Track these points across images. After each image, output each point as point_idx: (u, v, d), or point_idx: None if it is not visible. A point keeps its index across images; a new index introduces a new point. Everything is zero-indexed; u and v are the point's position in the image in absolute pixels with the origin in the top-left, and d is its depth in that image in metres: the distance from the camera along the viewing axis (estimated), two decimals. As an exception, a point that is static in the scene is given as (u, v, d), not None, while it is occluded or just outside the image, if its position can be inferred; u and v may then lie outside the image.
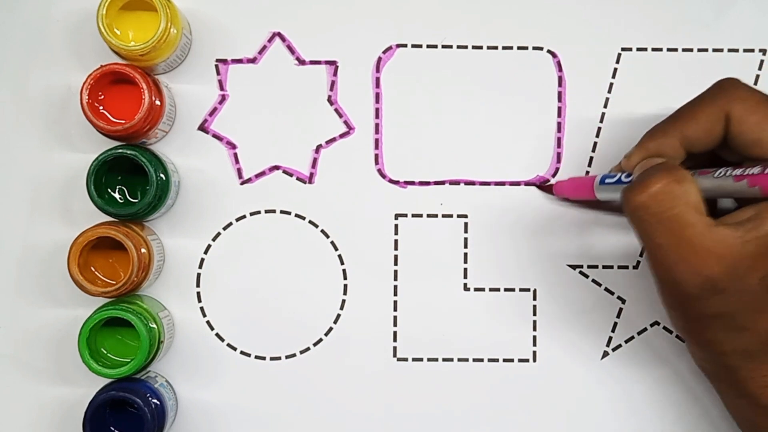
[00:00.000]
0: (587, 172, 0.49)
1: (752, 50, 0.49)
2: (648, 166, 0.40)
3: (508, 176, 0.49)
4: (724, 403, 0.44)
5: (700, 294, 0.38)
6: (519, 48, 0.49)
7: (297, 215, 0.49)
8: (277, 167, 0.49)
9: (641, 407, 0.49)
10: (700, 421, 0.49)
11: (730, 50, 0.49)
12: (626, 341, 0.49)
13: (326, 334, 0.49)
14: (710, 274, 0.38)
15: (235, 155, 0.49)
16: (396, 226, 0.49)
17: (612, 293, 0.49)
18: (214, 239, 0.49)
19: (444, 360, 0.49)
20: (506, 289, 0.49)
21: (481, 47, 0.49)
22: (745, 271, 0.38)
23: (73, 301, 0.48)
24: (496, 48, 0.49)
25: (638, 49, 0.49)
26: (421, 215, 0.49)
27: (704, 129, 0.41)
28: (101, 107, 0.45)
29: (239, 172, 0.49)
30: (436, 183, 0.49)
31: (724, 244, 0.37)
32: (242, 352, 0.49)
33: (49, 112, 0.48)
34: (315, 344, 0.49)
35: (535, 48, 0.49)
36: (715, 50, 0.49)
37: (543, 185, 0.49)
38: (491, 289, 0.49)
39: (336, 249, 0.49)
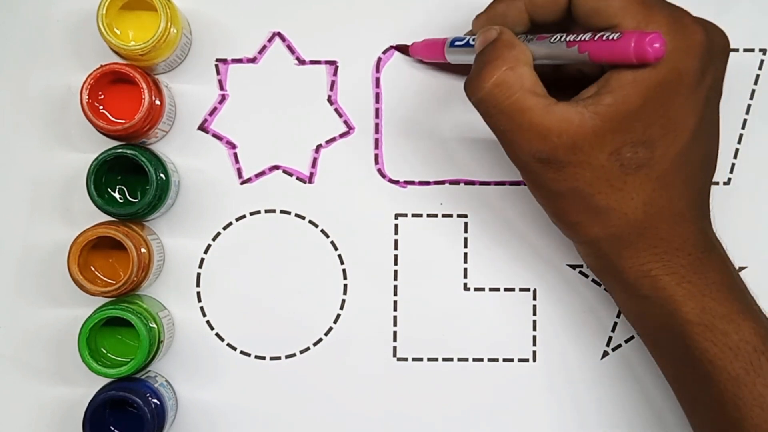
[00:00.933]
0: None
1: (752, 50, 0.49)
2: (484, 38, 0.40)
3: (508, 176, 0.49)
4: (616, 304, 0.44)
5: (544, 168, 0.39)
6: (519, 48, 0.49)
7: (297, 215, 0.49)
8: (277, 167, 0.49)
9: (641, 407, 0.49)
10: (700, 421, 0.49)
11: (730, 50, 0.49)
12: (626, 341, 0.49)
13: (326, 334, 0.49)
14: (550, 148, 0.38)
15: (235, 155, 0.49)
16: (396, 226, 0.49)
17: (612, 293, 0.49)
18: (214, 239, 0.49)
19: (444, 360, 0.49)
20: (506, 289, 0.49)
21: (481, 47, 0.49)
22: (589, 146, 0.38)
23: (73, 301, 0.48)
24: (496, 48, 0.49)
25: (638, 49, 0.49)
26: (421, 215, 0.49)
27: None
28: (101, 107, 0.45)
29: (239, 171, 0.49)
30: (436, 183, 0.49)
31: (562, 120, 0.37)
32: (242, 352, 0.49)
33: (49, 112, 0.48)
34: (315, 344, 0.49)
35: (535, 48, 0.49)
36: (715, 50, 0.49)
37: (400, 46, 0.49)
38: (491, 289, 0.49)
39: (336, 249, 0.49)
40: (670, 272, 0.40)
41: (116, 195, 0.47)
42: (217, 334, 0.49)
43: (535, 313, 0.49)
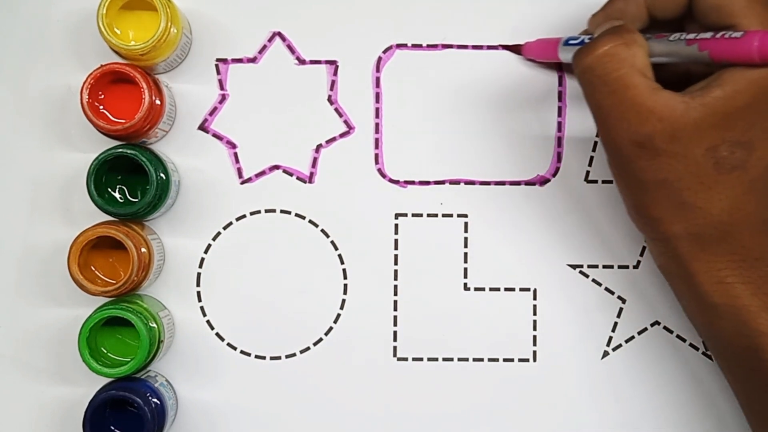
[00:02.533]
0: (588, 173, 0.49)
1: (752, 50, 0.49)
2: (604, 29, 0.40)
3: (508, 176, 0.49)
4: (684, 311, 0.43)
5: (639, 154, 0.38)
6: (519, 48, 0.49)
7: (297, 215, 0.49)
8: (277, 167, 0.49)
9: (641, 407, 0.49)
10: (701, 421, 0.49)
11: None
12: (626, 341, 0.49)
13: (326, 334, 0.49)
14: (647, 131, 0.37)
15: (235, 155, 0.49)
16: (396, 225, 0.49)
17: (612, 293, 0.49)
18: (214, 239, 0.49)
19: (444, 360, 0.49)
20: (506, 289, 0.49)
21: (481, 47, 0.49)
22: (687, 138, 0.37)
23: (73, 301, 0.48)
24: (496, 48, 0.49)
25: (638, 49, 0.49)
26: (421, 215, 0.49)
27: None
28: (101, 107, 0.45)
29: (239, 171, 0.49)
30: (436, 183, 0.49)
31: (666, 106, 0.37)
32: (242, 352, 0.49)
33: (49, 112, 0.48)
34: (315, 344, 0.49)
35: (535, 48, 0.49)
36: (715, 50, 0.49)
37: (512, 46, 0.49)
38: (491, 289, 0.49)
39: (336, 249, 0.49)
40: (746, 281, 0.39)
41: (116, 195, 0.47)
42: (217, 334, 0.49)
43: (535, 313, 0.49)
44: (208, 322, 0.49)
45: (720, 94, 0.37)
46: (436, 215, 0.49)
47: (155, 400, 0.45)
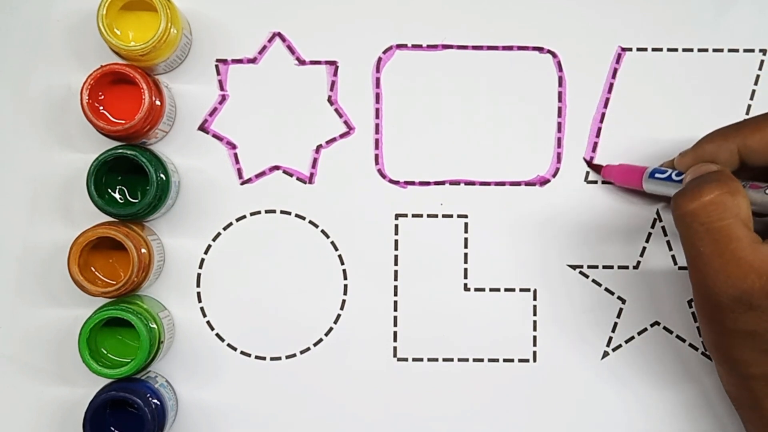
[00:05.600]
0: (588, 173, 0.49)
1: (752, 50, 0.49)
2: (701, 171, 0.40)
3: (508, 176, 0.49)
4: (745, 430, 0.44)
5: (733, 307, 0.38)
6: (519, 48, 0.49)
7: (297, 215, 0.49)
8: (277, 167, 0.49)
9: (641, 407, 0.49)
10: (700, 421, 0.49)
11: (730, 50, 0.49)
12: (626, 341, 0.49)
13: (326, 334, 0.49)
14: (747, 288, 0.37)
15: (235, 155, 0.49)
16: (396, 226, 0.49)
17: (612, 293, 0.49)
18: (214, 239, 0.49)
19: (444, 360, 0.49)
20: (506, 289, 0.49)
21: (481, 47, 0.49)
22: None
23: (73, 301, 0.48)
24: (496, 48, 0.49)
25: (638, 49, 0.49)
26: (421, 215, 0.49)
27: (767, 142, 0.41)
28: (101, 107, 0.45)
29: (239, 172, 0.49)
30: (436, 183, 0.49)
31: (765, 262, 0.37)
32: (242, 352, 0.49)
33: (49, 112, 0.48)
34: (315, 344, 0.49)
35: (535, 48, 0.49)
36: (715, 50, 0.49)
37: (592, 164, 0.49)
38: (491, 289, 0.49)
39: (336, 249, 0.49)
40: None
41: (116, 195, 0.47)
42: (217, 335, 0.49)
43: (535, 313, 0.49)
44: (208, 322, 0.49)
45: None
46: (436, 216, 0.49)
47: (155, 400, 0.45)
